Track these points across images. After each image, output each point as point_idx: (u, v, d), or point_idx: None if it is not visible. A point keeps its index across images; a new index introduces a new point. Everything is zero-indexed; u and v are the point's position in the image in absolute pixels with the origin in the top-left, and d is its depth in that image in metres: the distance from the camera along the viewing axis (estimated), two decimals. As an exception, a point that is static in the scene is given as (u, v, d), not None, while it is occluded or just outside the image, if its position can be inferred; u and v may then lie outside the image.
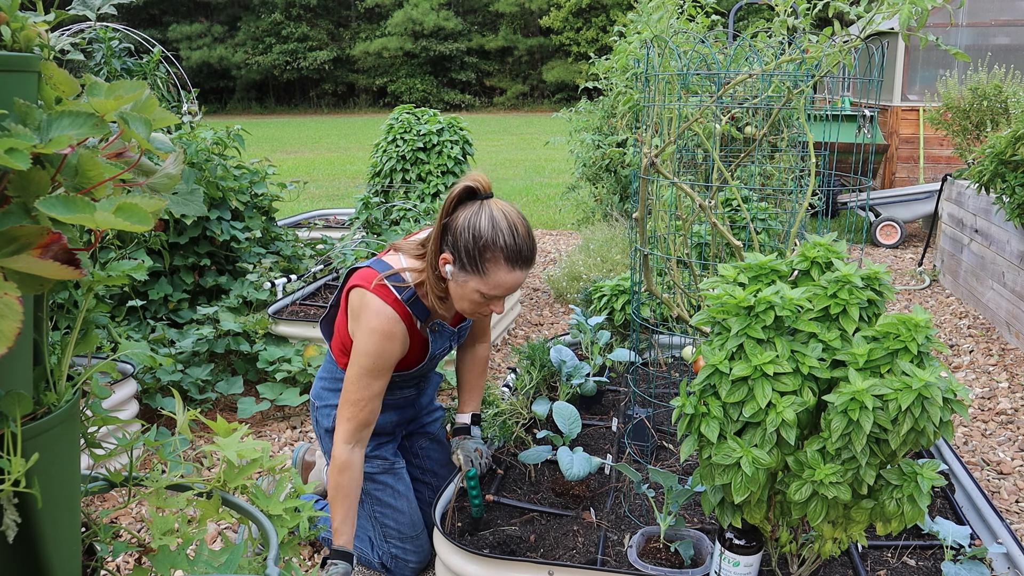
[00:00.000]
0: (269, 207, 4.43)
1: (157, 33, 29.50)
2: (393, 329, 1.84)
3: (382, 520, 2.12)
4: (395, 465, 2.16)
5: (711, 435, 1.44)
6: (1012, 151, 3.91)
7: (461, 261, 1.76)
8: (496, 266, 1.74)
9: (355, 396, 1.85)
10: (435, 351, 2.03)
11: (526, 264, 1.77)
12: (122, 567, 2.19)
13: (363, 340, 1.83)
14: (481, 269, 1.74)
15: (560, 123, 6.64)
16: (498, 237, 1.72)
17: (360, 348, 1.84)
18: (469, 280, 1.77)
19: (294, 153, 15.87)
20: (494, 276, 1.75)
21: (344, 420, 1.86)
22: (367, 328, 1.83)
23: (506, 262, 1.74)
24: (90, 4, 1.34)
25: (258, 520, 1.17)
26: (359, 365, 1.84)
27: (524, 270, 1.78)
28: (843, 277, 1.46)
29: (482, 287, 1.77)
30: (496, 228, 1.73)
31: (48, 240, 0.73)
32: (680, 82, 2.43)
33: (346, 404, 1.86)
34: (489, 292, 1.77)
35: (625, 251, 4.77)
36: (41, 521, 0.89)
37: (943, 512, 2.11)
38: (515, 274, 1.76)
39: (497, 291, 1.77)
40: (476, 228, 1.73)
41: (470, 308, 1.85)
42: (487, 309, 1.85)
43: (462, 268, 1.77)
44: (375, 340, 1.82)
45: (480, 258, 1.73)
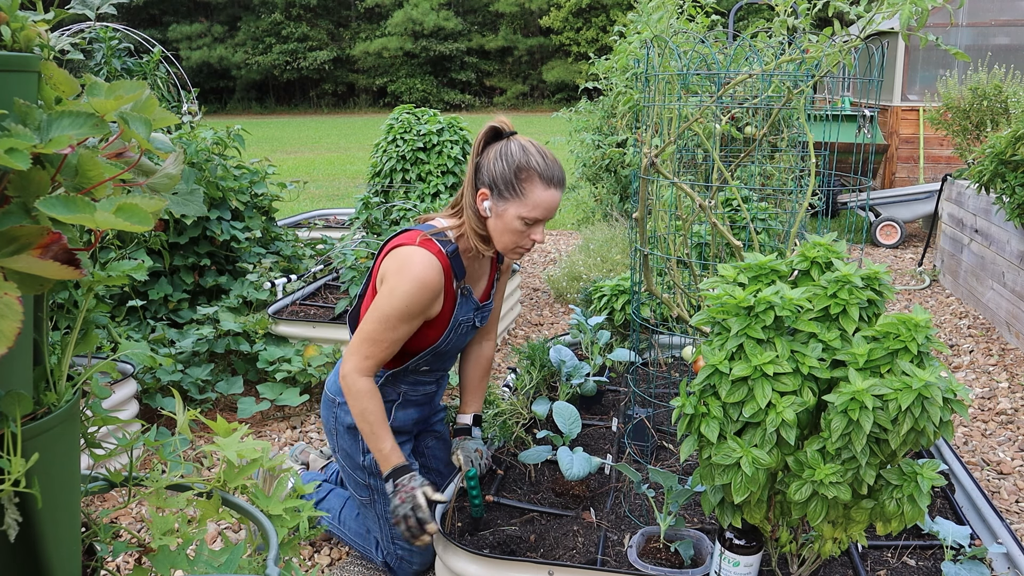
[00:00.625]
0: (269, 207, 4.43)
1: (157, 33, 29.51)
2: (436, 279, 1.88)
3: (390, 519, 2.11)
4: (411, 467, 2.15)
5: (711, 435, 1.44)
6: (1012, 151, 3.91)
7: (499, 189, 1.85)
8: (532, 185, 1.83)
9: (379, 335, 1.88)
10: (459, 317, 2.03)
11: (559, 184, 1.86)
12: (122, 567, 2.19)
13: (403, 286, 1.85)
14: (519, 190, 1.83)
15: (560, 123, 6.64)
16: (530, 159, 1.83)
17: (397, 293, 1.86)
18: (508, 207, 1.84)
19: (294, 153, 15.87)
20: (532, 195, 1.83)
21: (363, 356, 1.90)
22: (410, 276, 1.86)
23: (541, 180, 1.83)
24: (90, 4, 1.34)
25: (258, 520, 1.17)
26: (392, 307, 1.86)
27: (558, 189, 1.86)
28: (843, 277, 1.46)
29: (522, 210, 1.84)
30: (527, 152, 1.84)
31: (48, 240, 0.73)
32: (680, 82, 2.43)
33: (367, 342, 1.89)
34: (529, 214, 1.84)
35: (625, 251, 4.77)
36: (41, 521, 0.89)
37: (943, 512, 2.11)
38: (551, 192, 1.84)
39: (537, 211, 1.84)
40: (509, 155, 1.84)
41: (512, 240, 1.89)
42: (528, 240, 1.89)
43: (500, 196, 1.85)
44: (416, 288, 1.85)
45: (516, 180, 1.83)
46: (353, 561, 2.28)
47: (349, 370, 1.92)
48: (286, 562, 1.30)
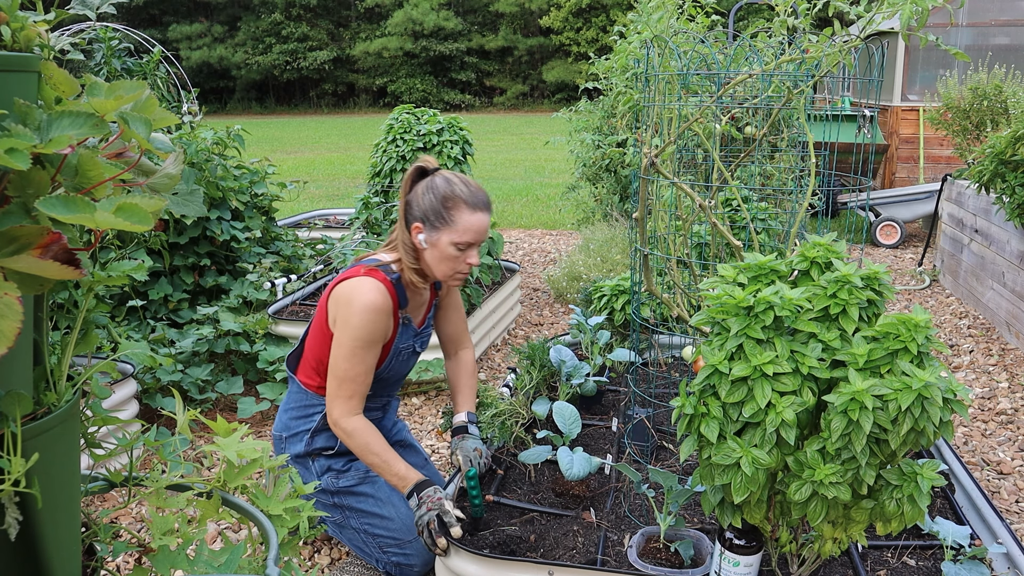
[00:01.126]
0: (269, 207, 4.43)
1: (157, 33, 29.50)
2: (385, 303, 1.98)
3: (373, 532, 2.12)
4: (370, 473, 2.16)
5: (711, 435, 1.44)
6: (1012, 151, 3.91)
7: (429, 222, 1.98)
8: (459, 212, 1.97)
9: (352, 372, 1.97)
10: (399, 344, 2.11)
11: (485, 207, 2.00)
12: (122, 567, 2.19)
13: (356, 316, 1.95)
14: (448, 219, 1.97)
15: (560, 123, 6.64)
16: (454, 188, 1.98)
17: (352, 324, 1.95)
18: (441, 235, 1.98)
19: (294, 153, 15.87)
20: (460, 221, 1.97)
21: (345, 398, 1.98)
22: (360, 305, 1.95)
23: (467, 206, 1.97)
24: (90, 4, 1.34)
25: (258, 520, 1.17)
26: (352, 339, 1.95)
27: (485, 212, 2.00)
28: (843, 277, 1.46)
29: (453, 236, 1.97)
30: (451, 183, 1.99)
31: (48, 240, 0.73)
32: (680, 82, 2.43)
33: (345, 382, 1.98)
34: (461, 239, 1.97)
35: (625, 251, 4.77)
36: (41, 521, 0.89)
37: (943, 512, 2.11)
38: (478, 215, 1.98)
39: (468, 235, 1.97)
40: (435, 188, 1.98)
41: (450, 267, 2.02)
42: (464, 264, 2.01)
43: (432, 227, 1.98)
44: (369, 314, 1.95)
45: (445, 210, 1.97)
46: (353, 561, 2.28)
47: (339, 415, 1.99)
48: (286, 562, 1.30)
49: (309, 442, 2.15)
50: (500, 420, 2.43)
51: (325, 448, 2.16)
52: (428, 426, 3.27)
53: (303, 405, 2.17)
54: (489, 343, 4.14)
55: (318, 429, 2.15)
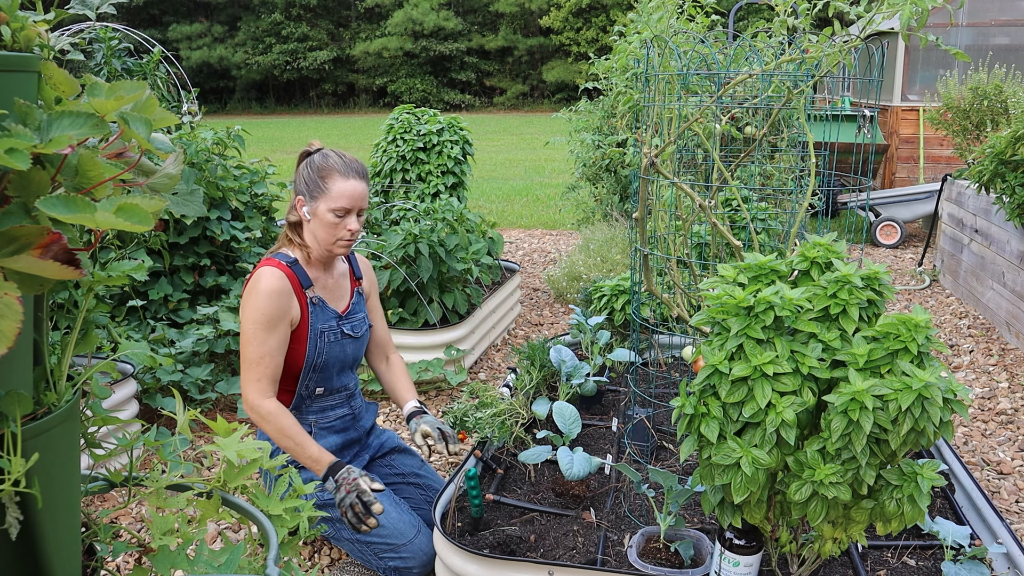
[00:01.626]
0: (269, 207, 4.42)
1: (157, 33, 29.50)
2: (280, 285, 2.06)
3: (366, 540, 2.11)
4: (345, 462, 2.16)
5: (711, 435, 1.44)
6: (1012, 151, 3.91)
7: (309, 192, 2.09)
8: (333, 180, 2.07)
9: (256, 353, 2.03)
10: (318, 326, 2.15)
11: (360, 175, 2.10)
12: (122, 567, 2.19)
13: (253, 301, 2.04)
14: (323, 187, 2.07)
15: (560, 123, 6.64)
16: (327, 159, 2.10)
17: (251, 308, 2.04)
18: (319, 204, 2.07)
19: (294, 153, 15.84)
20: (334, 187, 2.06)
21: (255, 380, 2.04)
22: (257, 291, 2.04)
23: (340, 174, 2.07)
24: (90, 4, 1.34)
25: (258, 520, 1.17)
26: (253, 322, 2.03)
27: (360, 179, 2.10)
28: (843, 277, 1.46)
29: (330, 203, 2.06)
30: (325, 155, 2.11)
31: (48, 240, 0.73)
32: (680, 82, 2.43)
33: (251, 364, 2.04)
34: (336, 204, 2.06)
35: (625, 251, 4.77)
36: (41, 521, 0.89)
37: (943, 512, 2.11)
38: (351, 182, 2.08)
39: (342, 200, 2.06)
40: (312, 163, 2.11)
41: (331, 233, 2.09)
42: (344, 230, 2.09)
43: (311, 197, 2.09)
44: (263, 297, 2.03)
45: (320, 180, 2.08)
46: (353, 561, 2.28)
47: (252, 399, 2.04)
48: (286, 562, 1.30)
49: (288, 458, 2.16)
50: (500, 420, 2.43)
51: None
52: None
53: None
54: (489, 343, 4.14)
55: None
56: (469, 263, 3.80)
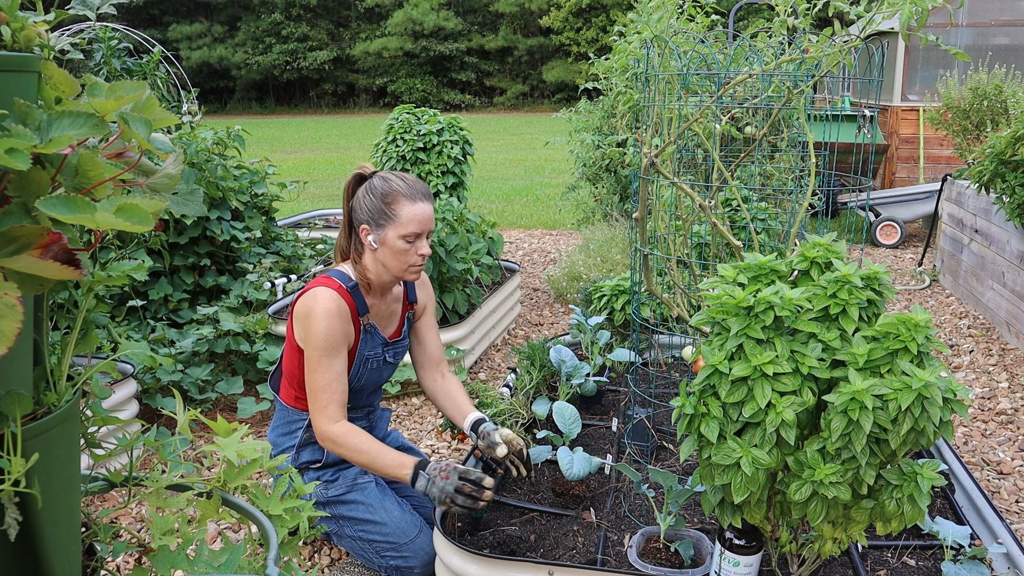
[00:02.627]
0: (269, 207, 4.43)
1: (157, 33, 29.50)
2: (340, 307, 2.01)
3: (368, 538, 2.11)
4: (358, 481, 2.16)
5: (711, 435, 1.44)
6: (1012, 151, 3.91)
7: (374, 220, 2.02)
8: (400, 205, 2.00)
9: (323, 381, 1.99)
10: (365, 352, 2.12)
11: (425, 197, 2.04)
12: (122, 567, 2.19)
13: (314, 326, 1.99)
14: (391, 214, 2.01)
15: (560, 123, 6.64)
16: (391, 184, 2.02)
17: (315, 333, 1.99)
18: (387, 232, 2.01)
19: (294, 153, 15.87)
20: (403, 213, 2.00)
21: (322, 407, 2.00)
22: (316, 314, 1.99)
23: (406, 198, 2.01)
24: (90, 4, 1.34)
25: (258, 520, 1.17)
26: (317, 349, 1.99)
27: (426, 201, 2.04)
28: (843, 277, 1.46)
29: (400, 230, 2.01)
30: (387, 180, 2.03)
31: (48, 240, 0.73)
32: (680, 82, 2.43)
33: (320, 392, 2.00)
34: (406, 230, 2.01)
35: (625, 251, 4.77)
36: (41, 521, 0.89)
37: (943, 512, 2.11)
38: (419, 205, 2.02)
39: (412, 225, 2.01)
40: (373, 189, 2.03)
41: (402, 261, 2.04)
42: (415, 256, 2.04)
43: (377, 225, 2.02)
44: (324, 321, 1.98)
45: (386, 207, 2.01)
46: (353, 561, 2.28)
47: (322, 427, 2.00)
48: (286, 562, 1.30)
49: (295, 457, 2.17)
50: (500, 420, 2.43)
51: (312, 462, 2.17)
52: (428, 426, 3.27)
53: (287, 421, 2.20)
54: (489, 343, 4.14)
55: (303, 443, 2.17)
56: (469, 263, 3.80)
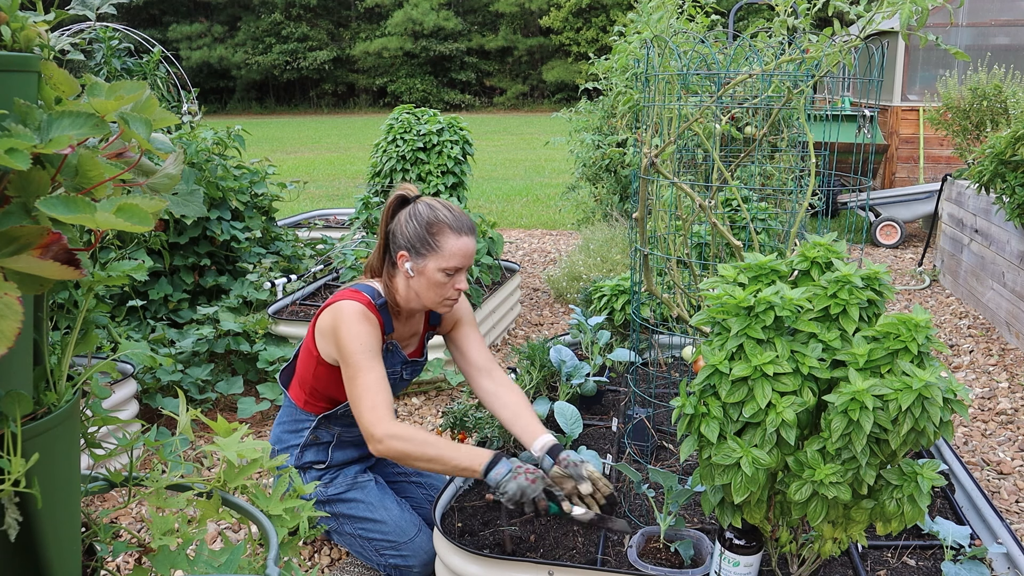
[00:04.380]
0: (269, 207, 4.43)
1: (157, 33, 29.49)
2: (369, 314, 1.95)
3: (368, 536, 2.11)
4: (359, 480, 2.16)
5: (711, 435, 1.44)
6: (1012, 151, 3.91)
7: (415, 249, 1.94)
8: (445, 237, 1.93)
9: (366, 380, 1.88)
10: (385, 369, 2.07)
11: (470, 231, 1.96)
12: (122, 567, 2.19)
13: (347, 331, 1.92)
14: (434, 245, 1.93)
15: (560, 123, 6.64)
16: (438, 214, 1.94)
17: (352, 336, 1.91)
18: (427, 262, 1.94)
19: (294, 153, 15.87)
20: (447, 246, 1.93)
21: (372, 407, 1.86)
22: (347, 321, 1.92)
23: (452, 231, 1.93)
24: (90, 4, 1.34)
25: (258, 520, 1.17)
26: (355, 353, 1.90)
27: (470, 236, 1.96)
28: (843, 277, 1.46)
29: (440, 262, 1.93)
30: (434, 209, 1.95)
31: (48, 240, 0.73)
32: (680, 82, 2.43)
33: (365, 393, 1.87)
34: (448, 264, 1.93)
35: (625, 251, 4.77)
36: (41, 521, 0.89)
37: (943, 512, 2.11)
38: (464, 239, 1.94)
39: (454, 260, 1.94)
40: (418, 215, 1.95)
41: (438, 294, 1.98)
42: (452, 290, 1.98)
43: (418, 254, 1.94)
44: (357, 326, 1.92)
45: (430, 236, 1.93)
46: (353, 561, 2.28)
47: (378, 429, 1.83)
48: (286, 562, 1.30)
49: (299, 456, 2.16)
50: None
51: (315, 462, 2.17)
52: (428, 426, 3.27)
53: (293, 419, 2.18)
54: (489, 343, 4.14)
55: (307, 444, 2.16)
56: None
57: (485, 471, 1.79)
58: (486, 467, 1.79)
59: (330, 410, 2.11)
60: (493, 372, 2.15)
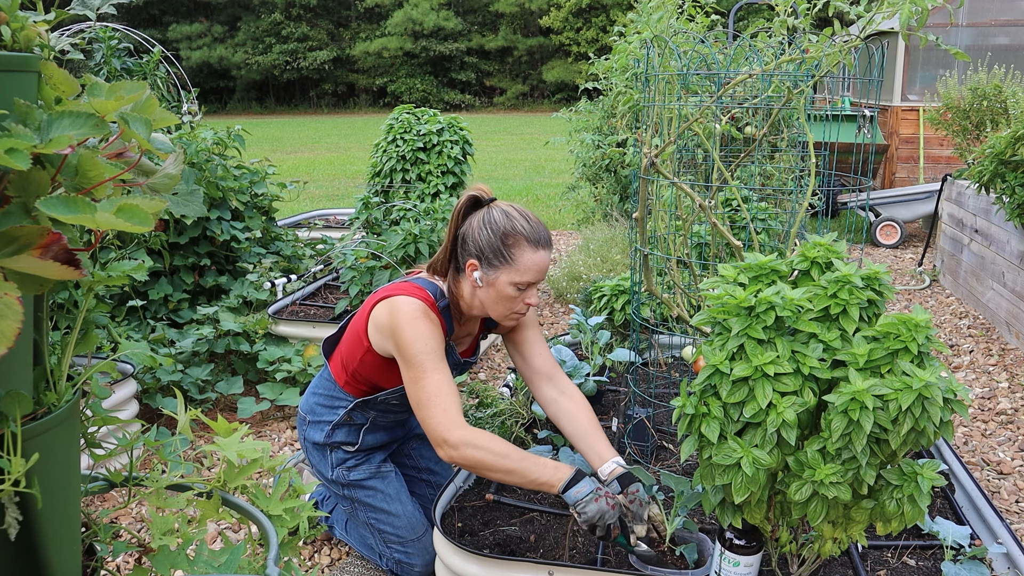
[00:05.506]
0: (269, 207, 4.43)
1: (157, 33, 29.51)
2: (431, 313, 1.84)
3: (379, 526, 2.11)
4: (382, 469, 2.14)
5: (711, 435, 1.44)
6: (1012, 151, 3.91)
7: (487, 259, 1.82)
8: (521, 250, 1.80)
9: (434, 383, 1.78)
10: None
11: (547, 245, 1.84)
12: (122, 567, 2.19)
13: (410, 333, 1.80)
14: (508, 257, 1.80)
15: (560, 123, 6.64)
16: (515, 224, 1.81)
17: (417, 336, 1.80)
18: (499, 274, 1.82)
19: (294, 153, 15.87)
20: (522, 260, 1.80)
21: (444, 410, 1.75)
22: (409, 319, 1.81)
23: (529, 243, 1.81)
24: (90, 4, 1.34)
25: (258, 520, 1.17)
26: (423, 353, 1.79)
27: (547, 250, 1.84)
28: (843, 277, 1.46)
29: (514, 276, 1.81)
30: (511, 218, 1.82)
31: (48, 240, 0.73)
32: (680, 82, 2.43)
33: (434, 396, 1.77)
34: (521, 279, 1.82)
35: (625, 251, 4.77)
36: (41, 521, 0.89)
37: (943, 512, 2.11)
38: (540, 254, 1.82)
39: (528, 275, 1.82)
40: (493, 223, 1.81)
41: (507, 307, 1.87)
42: (522, 304, 1.87)
43: (489, 265, 1.82)
44: (420, 326, 1.81)
45: (505, 248, 1.80)
46: (353, 561, 2.28)
47: (451, 434, 1.73)
48: (286, 562, 1.30)
49: (330, 433, 2.10)
50: (500, 420, 2.43)
51: (345, 443, 2.11)
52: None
53: (331, 395, 2.10)
54: (489, 343, 4.14)
55: (340, 423, 2.09)
56: (469, 263, 3.80)
57: (564, 488, 1.70)
58: (566, 484, 1.70)
59: (370, 395, 2.04)
60: (556, 378, 2.04)
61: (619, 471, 1.85)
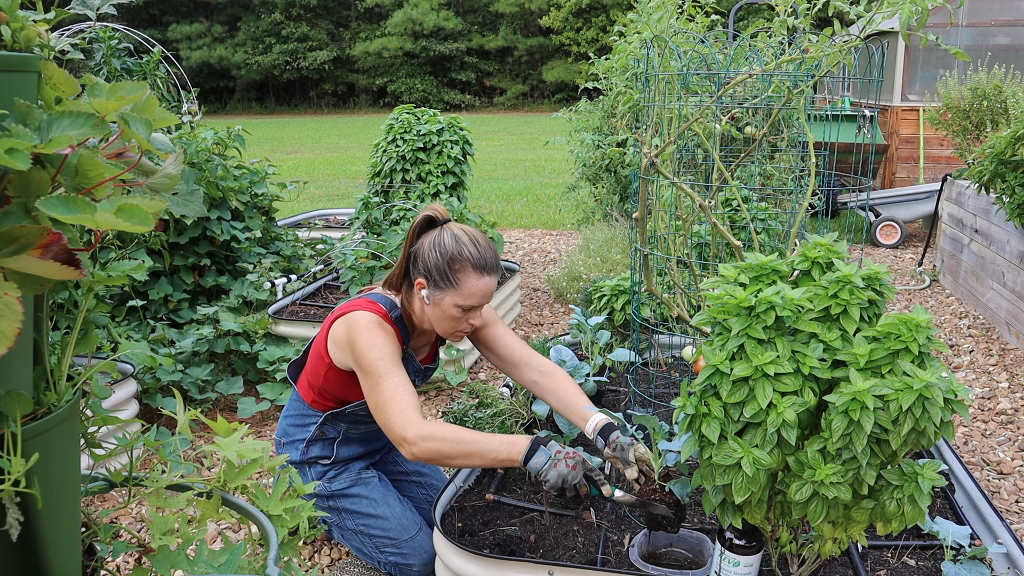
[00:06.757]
0: (269, 207, 4.43)
1: (157, 33, 29.51)
2: (384, 324, 1.91)
3: (369, 532, 2.12)
4: (363, 476, 2.16)
5: (712, 435, 1.44)
6: (1012, 151, 3.91)
7: (434, 280, 1.89)
8: (466, 275, 1.87)
9: (389, 387, 1.80)
10: None
11: (492, 271, 1.90)
12: (122, 567, 2.19)
13: (364, 344, 1.86)
14: (454, 281, 1.87)
15: (560, 123, 6.64)
16: (463, 249, 1.87)
17: (370, 345, 1.85)
18: (444, 296, 1.89)
19: (294, 153, 15.87)
20: (466, 285, 1.87)
21: (400, 411, 1.77)
22: (362, 332, 1.87)
23: (474, 269, 1.87)
24: (90, 4, 1.34)
25: (258, 520, 1.17)
26: (378, 359, 1.83)
27: (492, 276, 1.90)
28: (844, 277, 1.46)
29: (458, 299, 1.88)
30: (459, 243, 1.88)
31: (48, 240, 0.73)
32: (680, 82, 2.43)
33: (390, 399, 1.79)
34: (465, 302, 1.89)
35: (625, 251, 4.77)
36: (41, 521, 0.89)
37: (943, 512, 2.11)
38: (485, 280, 1.88)
39: (472, 299, 1.89)
40: (442, 246, 1.88)
41: (451, 326, 1.95)
42: (466, 324, 1.94)
43: (436, 286, 1.89)
44: (373, 336, 1.87)
45: (451, 271, 1.87)
46: (353, 561, 2.28)
47: (408, 432, 1.75)
48: (286, 562, 1.30)
49: (304, 451, 2.16)
50: (500, 420, 2.43)
51: (320, 457, 2.17)
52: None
53: (300, 414, 2.18)
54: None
55: (313, 439, 2.16)
56: (469, 263, 3.80)
57: (524, 460, 1.71)
58: (525, 456, 1.71)
59: (338, 408, 2.10)
60: (532, 361, 2.08)
61: (601, 424, 1.89)
